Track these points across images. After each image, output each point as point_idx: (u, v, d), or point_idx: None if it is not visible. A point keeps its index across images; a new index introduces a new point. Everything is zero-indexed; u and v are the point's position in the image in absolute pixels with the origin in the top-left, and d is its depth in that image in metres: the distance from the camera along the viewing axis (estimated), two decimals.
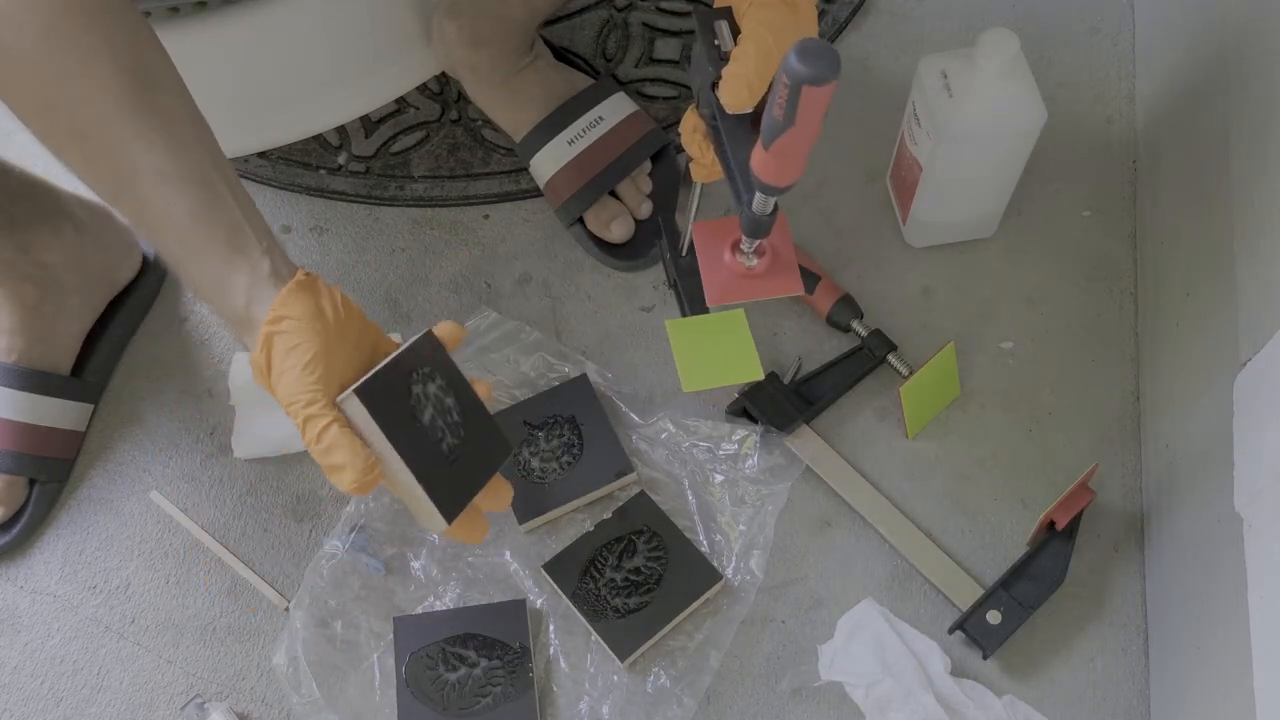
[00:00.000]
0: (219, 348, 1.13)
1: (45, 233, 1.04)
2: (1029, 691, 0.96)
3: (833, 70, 0.68)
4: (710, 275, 0.86)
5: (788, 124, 0.71)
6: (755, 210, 0.80)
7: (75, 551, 1.04)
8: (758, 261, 0.86)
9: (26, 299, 1.04)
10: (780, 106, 0.71)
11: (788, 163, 0.75)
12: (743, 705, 0.96)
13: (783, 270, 0.87)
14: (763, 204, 0.80)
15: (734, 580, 0.99)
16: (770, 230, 0.82)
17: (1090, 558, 1.01)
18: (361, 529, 1.02)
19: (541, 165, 1.14)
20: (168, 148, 0.73)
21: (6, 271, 1.03)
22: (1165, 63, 1.19)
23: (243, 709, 0.97)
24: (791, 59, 0.67)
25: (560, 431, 1.05)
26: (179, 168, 0.73)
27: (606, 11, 1.30)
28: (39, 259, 1.04)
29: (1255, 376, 0.84)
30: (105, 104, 0.72)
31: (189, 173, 0.73)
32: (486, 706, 0.94)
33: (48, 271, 1.05)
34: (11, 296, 1.04)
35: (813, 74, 0.68)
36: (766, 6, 0.80)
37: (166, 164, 0.73)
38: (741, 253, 0.86)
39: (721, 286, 0.86)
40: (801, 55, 0.67)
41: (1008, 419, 1.08)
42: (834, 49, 0.68)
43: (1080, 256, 1.15)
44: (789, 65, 0.68)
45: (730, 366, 0.91)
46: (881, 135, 1.20)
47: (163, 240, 0.76)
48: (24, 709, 0.98)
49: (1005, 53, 0.97)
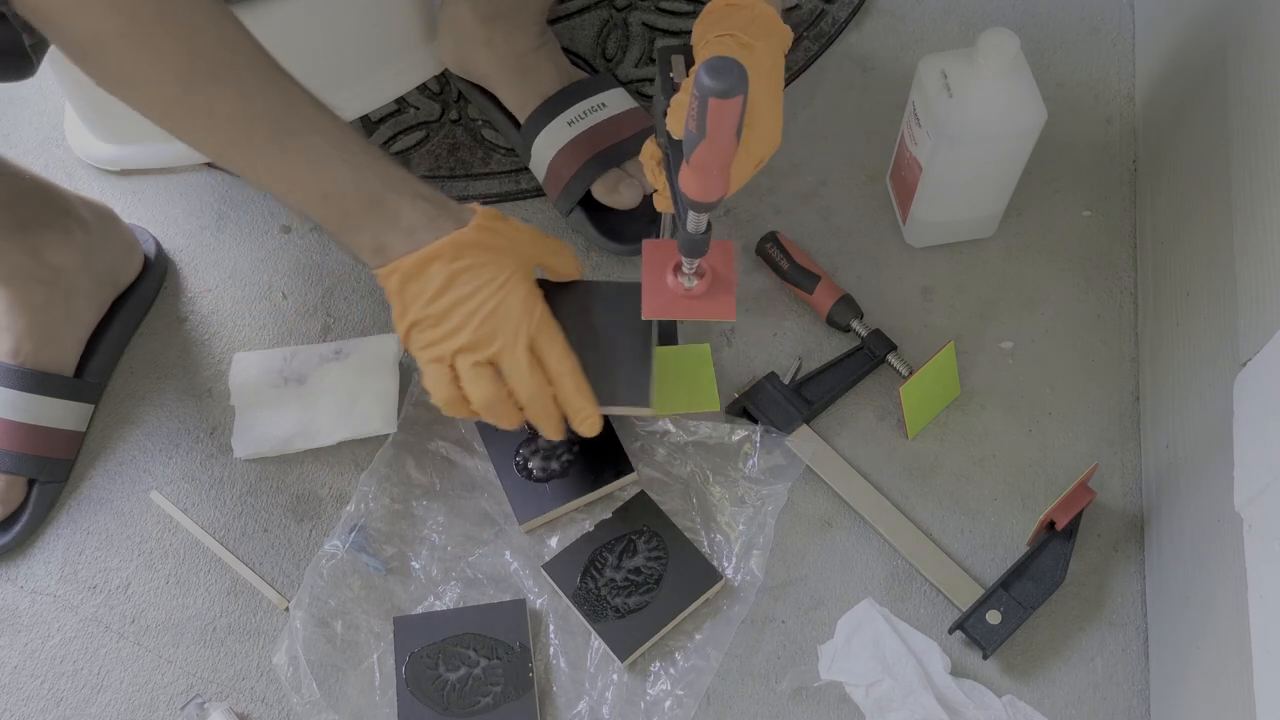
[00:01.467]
0: (219, 348, 1.13)
1: (54, 235, 1.04)
2: (1029, 691, 0.96)
3: (737, 85, 0.73)
4: (650, 291, 0.90)
5: (700, 135, 0.76)
6: (690, 229, 0.84)
7: (75, 551, 1.04)
8: (697, 283, 0.90)
9: (34, 301, 1.04)
10: (693, 119, 0.76)
11: (707, 178, 0.79)
12: (743, 705, 0.96)
13: (720, 295, 0.91)
14: (696, 223, 0.84)
15: (734, 580, 1.00)
16: (706, 250, 0.87)
17: (1090, 558, 1.01)
18: (361, 529, 1.02)
19: (542, 147, 1.14)
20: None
21: (15, 274, 1.03)
22: (1165, 63, 1.19)
23: (243, 709, 0.97)
24: (700, 74, 0.72)
25: None
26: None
27: (606, 11, 1.30)
28: (48, 261, 1.04)
29: (1255, 376, 0.84)
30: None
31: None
32: (486, 706, 0.94)
33: (56, 274, 1.05)
34: (19, 299, 1.04)
35: (718, 87, 0.72)
36: (720, 45, 0.84)
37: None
38: (683, 273, 0.89)
39: (658, 303, 0.90)
40: (708, 70, 0.72)
41: (1008, 419, 1.08)
42: (742, 67, 0.73)
43: (1080, 256, 1.15)
44: (698, 79, 0.73)
45: (692, 396, 1.00)
46: (881, 135, 1.20)
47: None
48: (24, 709, 0.98)
49: (1005, 53, 0.97)
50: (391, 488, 1.04)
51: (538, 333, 0.87)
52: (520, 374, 0.87)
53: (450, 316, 0.85)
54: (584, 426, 0.91)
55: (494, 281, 0.86)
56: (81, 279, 1.07)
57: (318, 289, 1.16)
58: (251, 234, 1.20)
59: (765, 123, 0.84)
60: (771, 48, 0.86)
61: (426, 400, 1.07)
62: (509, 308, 0.86)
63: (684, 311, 0.91)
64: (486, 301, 0.85)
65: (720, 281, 0.91)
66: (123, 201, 1.21)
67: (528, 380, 0.87)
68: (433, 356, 0.87)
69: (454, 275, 0.85)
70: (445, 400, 0.89)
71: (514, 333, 0.86)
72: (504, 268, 0.86)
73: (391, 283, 0.86)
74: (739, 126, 0.77)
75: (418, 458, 1.05)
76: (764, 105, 0.84)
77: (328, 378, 1.08)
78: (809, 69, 1.27)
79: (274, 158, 0.81)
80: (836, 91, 1.26)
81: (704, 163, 0.78)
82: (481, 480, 1.04)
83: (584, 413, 0.90)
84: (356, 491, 1.03)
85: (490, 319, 0.85)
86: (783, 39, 0.87)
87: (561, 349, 0.88)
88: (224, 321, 1.15)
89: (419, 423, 1.07)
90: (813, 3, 1.30)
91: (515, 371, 0.87)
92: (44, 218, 1.04)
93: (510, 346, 0.86)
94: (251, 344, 1.14)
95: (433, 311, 0.85)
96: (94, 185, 1.23)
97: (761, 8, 0.86)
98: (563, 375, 0.88)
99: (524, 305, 0.86)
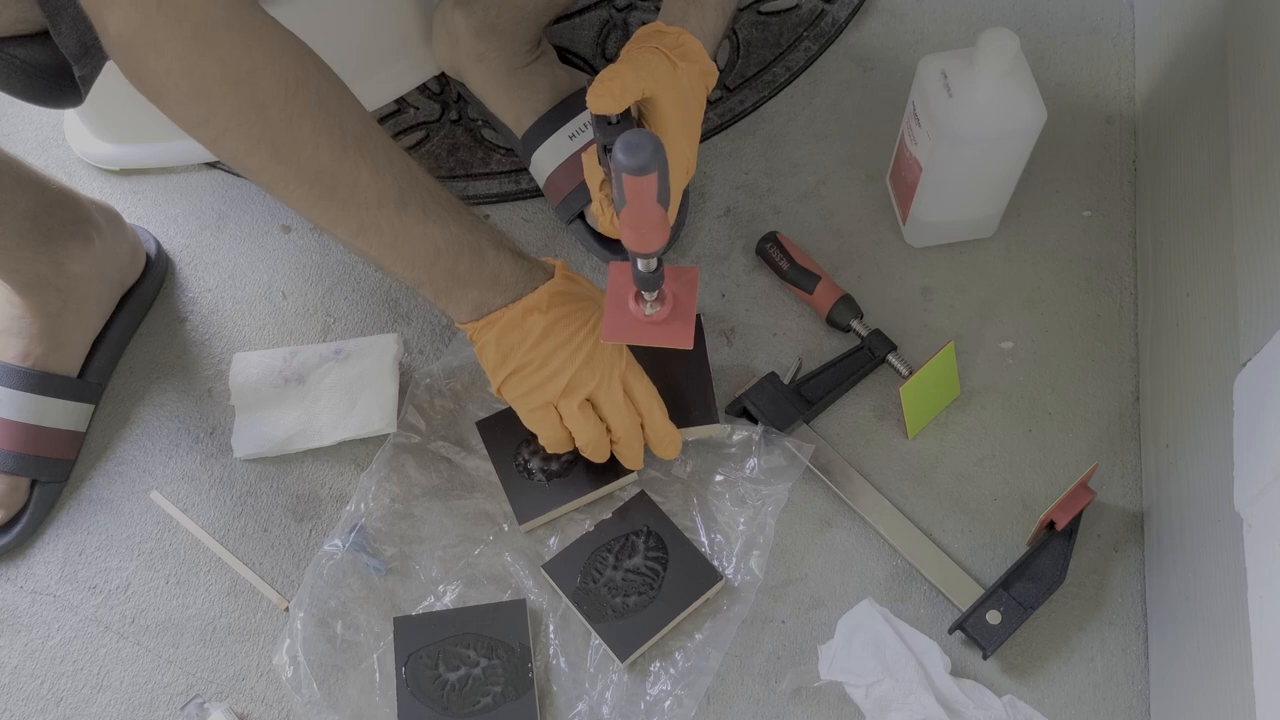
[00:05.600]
0: (219, 348, 1.13)
1: (76, 244, 1.05)
2: (1029, 691, 0.96)
3: (650, 162, 0.75)
4: (611, 313, 0.94)
5: (622, 203, 0.80)
6: (640, 269, 0.88)
7: (75, 551, 1.04)
8: (658, 309, 0.93)
9: (50, 307, 1.05)
10: (616, 186, 0.79)
11: (638, 234, 0.83)
12: (743, 705, 0.96)
13: (679, 322, 0.94)
14: (646, 264, 0.87)
15: (734, 580, 0.99)
16: (659, 285, 0.90)
17: (1090, 558, 1.01)
18: (361, 529, 1.02)
19: (542, 160, 1.14)
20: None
21: (36, 284, 1.04)
22: (1165, 63, 1.19)
23: (243, 709, 0.97)
24: (616, 150, 0.75)
25: None
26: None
27: (606, 11, 1.30)
28: (69, 270, 1.05)
29: (1255, 376, 0.84)
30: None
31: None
32: (486, 706, 0.94)
33: (74, 282, 1.05)
34: (37, 305, 1.04)
35: (632, 164, 0.75)
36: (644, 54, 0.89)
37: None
38: (643, 299, 0.92)
39: (617, 326, 0.93)
40: (624, 147, 0.75)
41: (1008, 419, 1.08)
42: (657, 143, 0.75)
43: (1080, 256, 1.15)
44: (614, 155, 0.75)
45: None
46: (881, 135, 1.20)
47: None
48: (24, 709, 0.98)
49: (1005, 53, 0.97)
50: (391, 488, 1.04)
51: (627, 371, 0.95)
52: (617, 409, 0.94)
53: (550, 361, 0.91)
54: (671, 451, 0.99)
55: (585, 327, 0.92)
56: (95, 285, 1.07)
57: (318, 289, 1.16)
58: (251, 234, 1.20)
59: (677, 146, 0.90)
60: (691, 71, 0.90)
61: (426, 402, 1.07)
62: (603, 350, 0.93)
63: (641, 336, 0.94)
64: (582, 346, 0.92)
65: (680, 309, 0.94)
66: (123, 201, 1.21)
67: (624, 415, 0.95)
68: (538, 403, 0.93)
69: (552, 324, 0.91)
70: (555, 441, 0.96)
71: (609, 372, 0.94)
72: (590, 315, 0.93)
73: (489, 335, 0.91)
74: (660, 195, 0.80)
75: (418, 458, 1.05)
76: (675, 130, 0.90)
77: (328, 378, 1.08)
78: (809, 69, 1.27)
79: (396, 222, 0.85)
80: (836, 91, 1.26)
81: (633, 223, 0.82)
82: (481, 480, 1.04)
83: (670, 438, 0.98)
84: (356, 491, 1.03)
85: (589, 362, 0.92)
86: (704, 70, 0.91)
87: (648, 384, 0.96)
88: (224, 321, 1.15)
89: (419, 423, 1.07)
90: (813, 3, 1.30)
91: (613, 408, 0.94)
92: (67, 228, 1.05)
93: (607, 384, 0.94)
94: (251, 344, 1.14)
95: (534, 358, 0.91)
96: (94, 185, 1.23)
97: (687, 37, 0.91)
98: (652, 408, 0.96)
99: (614, 347, 0.94)
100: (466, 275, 0.89)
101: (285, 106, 0.77)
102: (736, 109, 1.24)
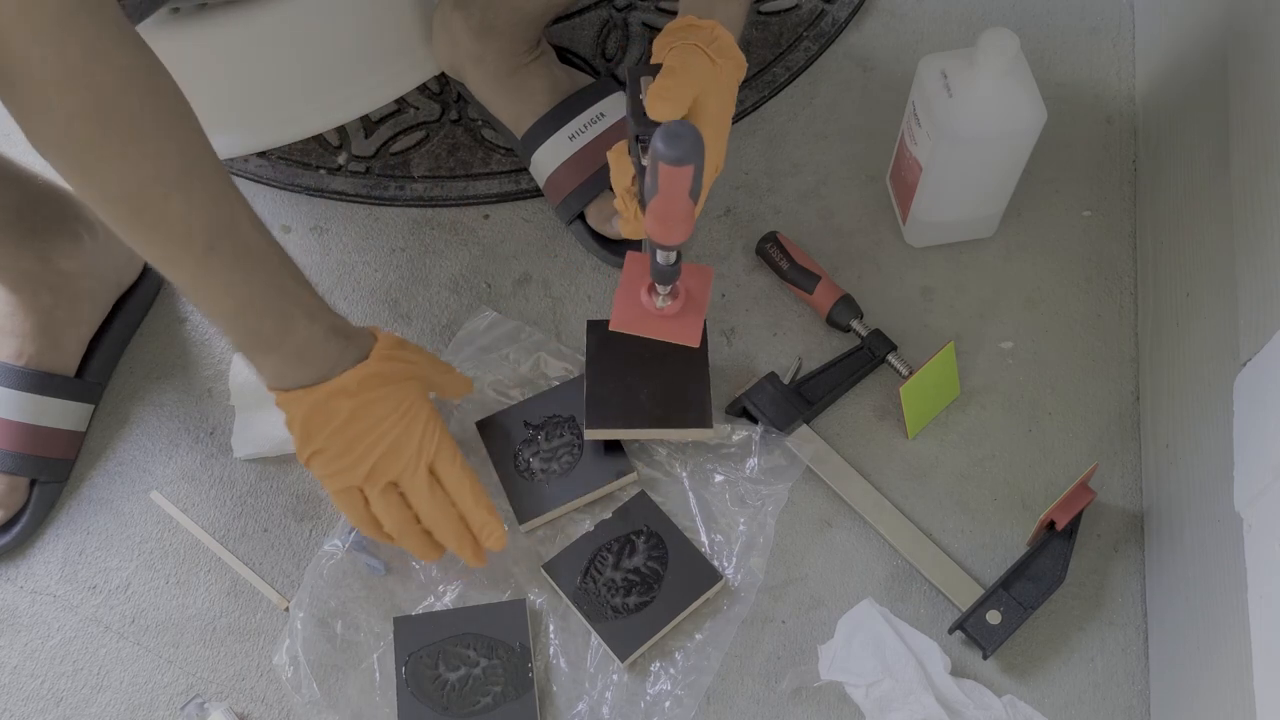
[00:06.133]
0: (219, 348, 1.13)
1: (65, 241, 1.04)
2: (1029, 691, 0.96)
3: (690, 154, 0.75)
4: (622, 303, 0.93)
5: (654, 191, 0.80)
6: (660, 261, 0.88)
7: (75, 551, 1.04)
8: (670, 303, 0.93)
9: (42, 305, 1.04)
10: (650, 175, 0.79)
11: (665, 226, 0.82)
12: (743, 705, 0.96)
13: (689, 317, 0.94)
14: (665, 256, 0.87)
15: (734, 580, 0.99)
16: (675, 278, 0.90)
17: (1090, 558, 1.01)
18: None
19: (542, 161, 1.14)
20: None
21: (25, 280, 1.03)
22: (1165, 63, 1.19)
23: (243, 709, 0.97)
24: (656, 139, 0.75)
25: (560, 432, 1.05)
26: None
27: (606, 11, 1.30)
28: (58, 268, 1.04)
29: (1255, 376, 0.84)
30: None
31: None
32: (486, 706, 0.94)
33: (65, 279, 1.05)
34: (27, 303, 1.04)
35: (671, 155, 0.75)
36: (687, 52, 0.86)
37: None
38: (657, 292, 0.92)
39: (627, 316, 0.93)
40: (664, 136, 0.75)
41: (1008, 419, 1.08)
42: (697, 135, 0.75)
43: (1080, 256, 1.15)
44: (653, 144, 0.75)
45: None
46: (881, 135, 1.20)
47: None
48: (24, 709, 0.98)
49: (1005, 53, 0.97)
50: None
51: (436, 455, 0.90)
52: (421, 498, 0.90)
53: (354, 447, 0.88)
54: (490, 541, 0.93)
55: (395, 412, 0.88)
56: (88, 283, 1.07)
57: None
58: None
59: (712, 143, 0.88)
60: (728, 69, 0.88)
61: None
62: (411, 434, 0.89)
63: (650, 329, 0.93)
64: (389, 431, 0.88)
65: (692, 305, 0.94)
66: None
67: (428, 503, 0.90)
68: (340, 486, 0.90)
69: (358, 409, 0.87)
70: (360, 523, 0.92)
71: (415, 457, 0.89)
72: (405, 398, 0.89)
73: (295, 411, 0.87)
74: (694, 188, 0.79)
75: None
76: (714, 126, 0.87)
77: None
78: (809, 69, 1.27)
79: (199, 267, 0.81)
80: (836, 91, 1.26)
81: (660, 213, 0.81)
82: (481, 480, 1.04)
83: (487, 527, 0.93)
84: None
85: (393, 448, 0.88)
86: (737, 65, 0.89)
87: (458, 468, 0.91)
88: None
89: None
90: (813, 3, 1.30)
91: (416, 496, 0.90)
92: (55, 224, 1.04)
93: (411, 471, 0.89)
94: None
95: (337, 443, 0.87)
96: None
97: (720, 31, 0.88)
98: (463, 495, 0.91)
99: (425, 430, 0.89)
100: (270, 340, 0.85)
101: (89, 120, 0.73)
102: (736, 109, 1.24)
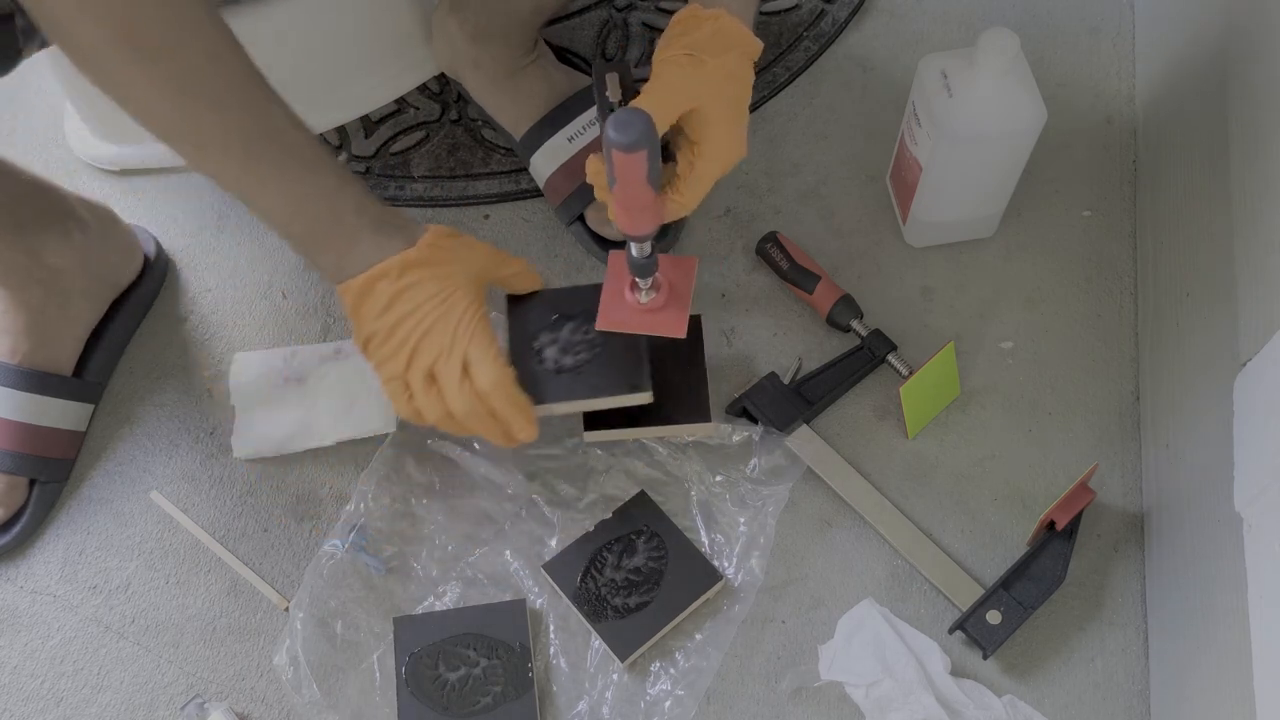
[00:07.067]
0: (219, 348, 1.13)
1: (54, 236, 1.04)
2: (1029, 691, 0.96)
3: (640, 140, 0.75)
4: (607, 301, 0.93)
5: (612, 182, 0.81)
6: (634, 254, 0.89)
7: (75, 551, 1.04)
8: (653, 297, 0.93)
9: (32, 301, 1.04)
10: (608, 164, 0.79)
11: (629, 215, 0.83)
12: (743, 705, 0.96)
13: (673, 311, 0.94)
14: (639, 249, 0.87)
15: (734, 580, 0.99)
16: (653, 272, 0.91)
17: (1090, 558, 1.01)
18: (361, 529, 1.02)
19: (541, 163, 1.14)
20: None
21: (14, 275, 1.03)
22: (1165, 63, 1.19)
23: (243, 709, 0.97)
24: (607, 127, 0.75)
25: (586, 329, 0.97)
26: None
27: (606, 11, 1.30)
28: (47, 263, 1.04)
29: (1255, 376, 0.84)
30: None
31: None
32: (486, 706, 0.94)
33: (55, 275, 1.05)
34: (18, 299, 1.04)
35: (621, 141, 0.75)
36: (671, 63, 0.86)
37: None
38: (638, 288, 0.93)
39: (612, 314, 0.93)
40: (614, 123, 0.75)
41: (1008, 419, 1.08)
42: (648, 121, 0.75)
43: (1080, 256, 1.15)
44: (604, 132, 0.75)
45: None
46: (881, 135, 1.20)
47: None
48: (24, 709, 0.98)
49: (1005, 53, 0.97)
50: (391, 487, 1.04)
51: (469, 346, 0.88)
52: (451, 388, 0.88)
53: (395, 333, 0.87)
54: (521, 435, 0.91)
55: (435, 298, 0.87)
56: (79, 279, 1.07)
57: (318, 289, 1.16)
58: (251, 234, 1.20)
59: (718, 136, 0.87)
60: (729, 61, 0.87)
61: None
62: (446, 321, 0.87)
63: (636, 325, 0.93)
64: (425, 318, 0.87)
65: (675, 297, 0.94)
66: (123, 201, 1.21)
67: (456, 394, 0.88)
68: (388, 375, 0.89)
69: (398, 293, 0.86)
70: (405, 414, 0.91)
71: (447, 347, 0.87)
72: (446, 285, 0.87)
73: (347, 301, 0.88)
74: (650, 175, 0.79)
75: (417, 458, 1.05)
76: (717, 118, 0.87)
77: (327, 378, 1.08)
78: (809, 69, 1.27)
79: (246, 174, 0.82)
80: (836, 91, 1.26)
81: (623, 203, 0.81)
82: (481, 480, 1.04)
83: (515, 423, 0.90)
84: (356, 491, 1.03)
85: (427, 335, 0.87)
86: (746, 49, 0.88)
87: (490, 361, 0.88)
88: (224, 321, 1.15)
89: None
90: (813, 3, 1.30)
91: (448, 386, 0.88)
92: (43, 219, 1.04)
93: (445, 359, 0.87)
94: (251, 344, 1.14)
95: (380, 328, 0.87)
96: (94, 185, 1.23)
97: (725, 20, 0.87)
98: (488, 387, 0.88)
99: (461, 319, 0.87)
100: (324, 236, 0.86)
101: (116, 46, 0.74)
102: None
